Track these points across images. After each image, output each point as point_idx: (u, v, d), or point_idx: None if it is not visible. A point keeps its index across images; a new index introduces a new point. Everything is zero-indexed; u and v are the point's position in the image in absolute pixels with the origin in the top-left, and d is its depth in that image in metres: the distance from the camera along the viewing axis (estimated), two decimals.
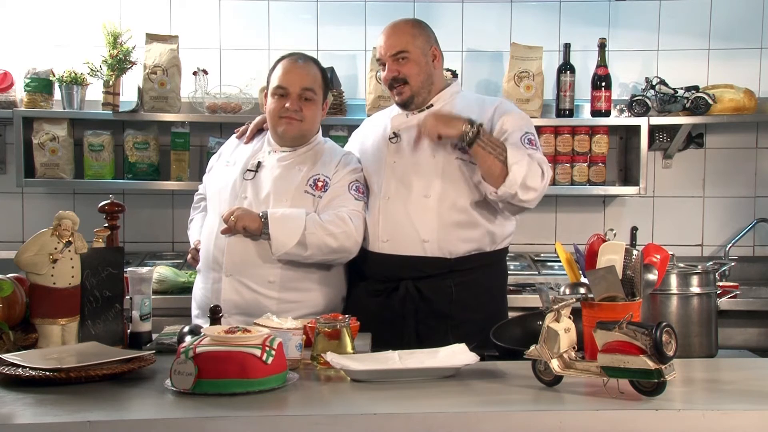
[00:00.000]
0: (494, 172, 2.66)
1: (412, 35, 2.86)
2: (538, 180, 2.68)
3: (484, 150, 2.65)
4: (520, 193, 2.65)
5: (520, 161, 2.64)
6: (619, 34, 4.23)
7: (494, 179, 2.67)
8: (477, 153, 2.67)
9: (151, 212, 4.26)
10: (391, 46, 2.85)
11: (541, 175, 2.69)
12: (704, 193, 4.32)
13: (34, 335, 2.18)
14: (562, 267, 2.73)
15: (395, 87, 2.87)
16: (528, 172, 2.65)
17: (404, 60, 2.83)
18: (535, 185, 2.67)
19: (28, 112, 3.96)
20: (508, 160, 2.64)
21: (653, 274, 2.20)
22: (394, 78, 2.85)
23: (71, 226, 2.19)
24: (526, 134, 2.79)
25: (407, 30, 2.88)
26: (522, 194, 2.66)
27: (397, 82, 2.85)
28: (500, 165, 2.65)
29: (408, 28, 2.89)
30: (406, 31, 2.87)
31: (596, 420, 1.75)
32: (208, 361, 1.86)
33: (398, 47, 2.84)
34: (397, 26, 2.90)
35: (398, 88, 2.86)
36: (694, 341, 2.39)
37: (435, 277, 2.79)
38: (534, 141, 2.81)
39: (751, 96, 4.05)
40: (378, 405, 1.82)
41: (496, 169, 2.66)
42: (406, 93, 2.86)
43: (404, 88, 2.85)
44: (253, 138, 2.99)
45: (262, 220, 2.70)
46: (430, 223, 2.78)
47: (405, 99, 2.88)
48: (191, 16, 4.21)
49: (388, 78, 2.86)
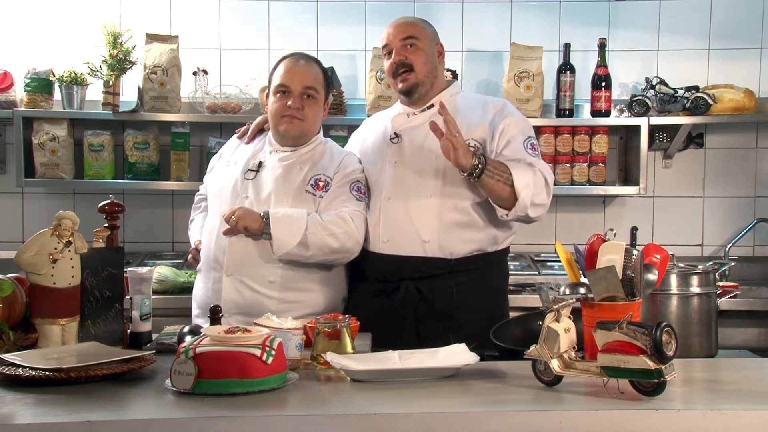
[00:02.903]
0: (503, 197, 2.69)
1: (421, 26, 2.90)
2: (545, 195, 2.74)
3: (492, 179, 2.65)
4: (531, 213, 2.71)
5: (527, 184, 2.67)
6: (619, 34, 4.23)
7: (504, 202, 2.70)
8: (486, 183, 2.66)
9: (151, 212, 4.26)
10: (402, 31, 2.85)
11: (545, 186, 2.73)
12: (704, 193, 4.32)
13: (34, 335, 2.18)
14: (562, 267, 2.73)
15: (400, 74, 2.84)
16: (535, 190, 2.69)
17: (412, 47, 2.83)
18: (543, 201, 2.74)
19: (28, 112, 3.96)
20: (515, 184, 2.65)
21: (653, 274, 2.20)
22: (401, 62, 2.82)
23: (71, 226, 2.18)
24: (528, 139, 2.82)
25: (417, 22, 2.93)
26: (532, 213, 2.72)
27: (403, 68, 2.82)
28: (509, 189, 2.66)
29: (418, 21, 2.94)
30: (415, 22, 2.92)
31: (596, 420, 1.75)
32: (208, 361, 1.86)
33: (409, 32, 2.84)
34: (406, 18, 2.96)
35: (403, 75, 2.84)
36: (694, 341, 2.39)
37: (436, 278, 2.78)
38: (536, 145, 2.84)
39: (751, 96, 4.05)
40: (378, 405, 1.81)
41: (504, 194, 2.68)
42: (411, 80, 2.84)
43: (410, 75, 2.83)
44: (254, 138, 3.00)
45: (264, 220, 2.70)
46: (431, 224, 2.78)
47: (410, 86, 2.85)
48: (191, 16, 4.21)
49: (396, 62, 2.83)
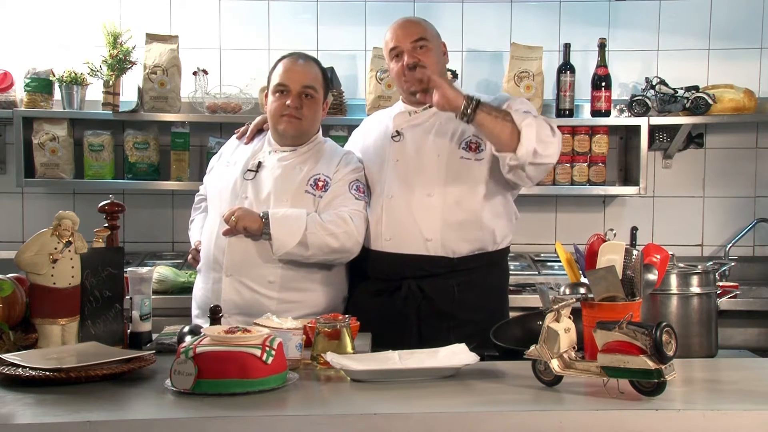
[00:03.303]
0: (505, 135, 2.59)
1: (428, 27, 2.87)
2: (550, 134, 2.64)
3: (489, 115, 2.57)
4: (540, 149, 2.59)
5: (528, 123, 2.58)
6: (619, 34, 4.23)
7: (507, 143, 2.60)
8: (483, 121, 2.57)
9: (151, 212, 4.26)
10: (412, 33, 2.81)
11: (550, 129, 2.65)
12: (704, 193, 4.32)
13: (34, 335, 2.18)
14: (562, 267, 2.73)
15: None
16: (538, 128, 2.60)
17: (423, 48, 2.79)
18: (549, 138, 2.63)
19: (28, 112, 3.96)
20: (515, 119, 2.58)
21: (653, 274, 2.20)
22: (415, 65, 2.76)
23: (71, 226, 2.18)
24: (528, 112, 2.75)
25: (422, 22, 2.90)
26: (542, 149, 2.60)
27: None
28: (509, 125, 2.58)
29: (423, 21, 2.91)
30: (421, 23, 2.89)
31: (596, 420, 1.75)
32: (208, 361, 1.86)
33: (419, 34, 2.81)
34: (411, 18, 2.93)
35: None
36: (694, 341, 2.39)
37: (437, 277, 2.78)
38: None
39: (751, 96, 4.05)
40: (378, 405, 1.81)
41: (506, 131, 2.58)
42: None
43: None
44: (253, 138, 2.99)
45: (263, 221, 2.69)
46: (434, 222, 2.77)
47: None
48: (191, 16, 4.21)
49: (409, 64, 2.77)
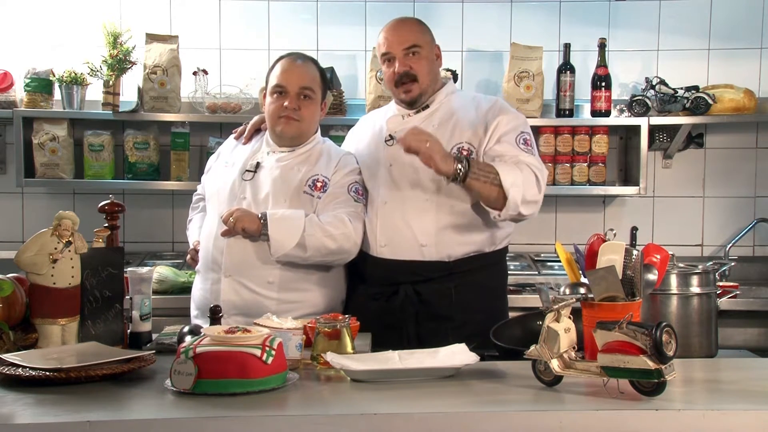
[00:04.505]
0: (492, 198, 2.64)
1: (420, 31, 2.84)
2: (536, 191, 2.67)
3: (478, 181, 2.61)
4: (523, 210, 2.65)
5: (514, 182, 2.61)
6: (619, 34, 4.23)
7: (494, 203, 2.65)
8: (472, 186, 2.62)
9: (151, 212, 4.26)
10: (404, 39, 2.79)
11: (536, 183, 2.67)
12: (704, 193, 4.32)
13: (34, 335, 2.18)
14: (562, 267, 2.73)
15: (404, 84, 2.79)
16: (525, 188, 2.63)
17: (415, 55, 2.78)
18: (534, 198, 2.67)
19: (28, 112, 3.96)
20: (503, 183, 2.60)
21: (653, 274, 2.20)
22: (406, 73, 2.77)
23: (71, 226, 2.19)
24: (521, 134, 2.77)
25: (415, 26, 2.86)
26: (525, 210, 2.65)
27: (407, 78, 2.78)
28: (497, 189, 2.61)
29: (416, 24, 2.88)
30: (414, 27, 2.85)
31: (596, 420, 1.75)
32: (208, 361, 1.86)
33: (411, 41, 2.79)
34: (404, 21, 2.88)
35: (407, 86, 2.80)
36: (694, 341, 2.39)
37: (434, 280, 2.77)
38: (529, 141, 2.78)
39: (751, 96, 4.05)
40: (378, 405, 1.81)
41: (493, 195, 2.63)
42: (415, 91, 2.80)
43: (413, 86, 2.79)
44: (251, 138, 2.98)
45: (261, 222, 2.69)
46: (428, 227, 2.76)
47: (414, 97, 2.81)
48: (191, 16, 4.21)
49: (400, 72, 2.78)
